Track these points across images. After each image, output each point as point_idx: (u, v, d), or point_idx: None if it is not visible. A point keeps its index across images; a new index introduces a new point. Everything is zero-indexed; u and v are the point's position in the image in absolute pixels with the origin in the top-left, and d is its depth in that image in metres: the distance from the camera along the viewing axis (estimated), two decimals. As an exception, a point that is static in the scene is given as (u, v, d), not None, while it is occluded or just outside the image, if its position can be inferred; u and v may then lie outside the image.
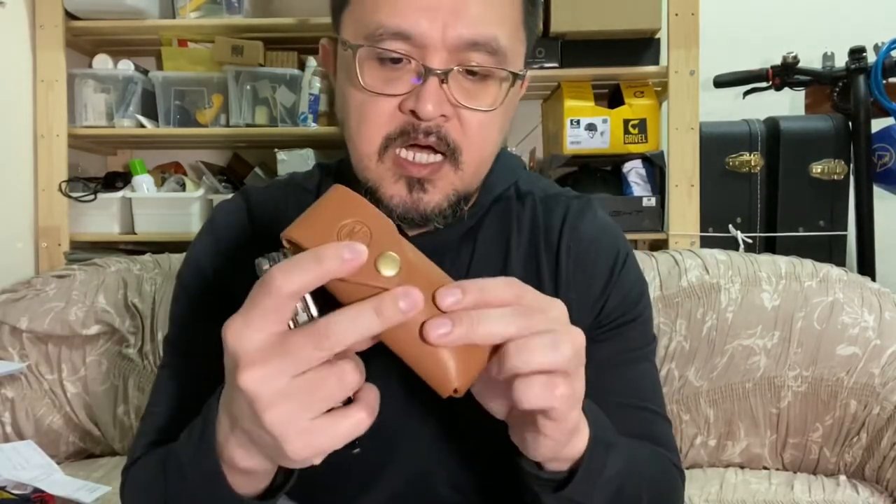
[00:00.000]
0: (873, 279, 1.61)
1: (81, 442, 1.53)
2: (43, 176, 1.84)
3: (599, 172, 1.88)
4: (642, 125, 1.76)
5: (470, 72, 0.64)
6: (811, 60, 1.87)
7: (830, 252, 1.79)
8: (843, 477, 1.30)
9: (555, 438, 0.50)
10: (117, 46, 2.00)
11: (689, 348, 1.36)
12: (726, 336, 1.35)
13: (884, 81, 1.74)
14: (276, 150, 1.87)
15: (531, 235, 0.75)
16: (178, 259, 1.59)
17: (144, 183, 1.89)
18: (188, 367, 0.73)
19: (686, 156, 1.74)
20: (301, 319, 0.45)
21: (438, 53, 0.62)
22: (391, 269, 0.45)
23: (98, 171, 2.05)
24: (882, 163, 1.78)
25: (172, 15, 1.90)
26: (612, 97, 1.90)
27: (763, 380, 1.34)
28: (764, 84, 1.84)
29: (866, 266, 1.76)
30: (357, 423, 0.44)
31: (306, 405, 0.43)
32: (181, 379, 0.74)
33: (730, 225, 1.81)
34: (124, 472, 0.71)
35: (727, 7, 2.11)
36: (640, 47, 1.78)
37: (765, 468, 1.38)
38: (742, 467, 1.38)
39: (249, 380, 0.43)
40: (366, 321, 0.43)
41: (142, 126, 1.89)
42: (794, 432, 1.35)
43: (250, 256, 0.48)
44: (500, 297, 0.46)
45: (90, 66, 1.93)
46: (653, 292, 1.38)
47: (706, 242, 1.75)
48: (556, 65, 1.77)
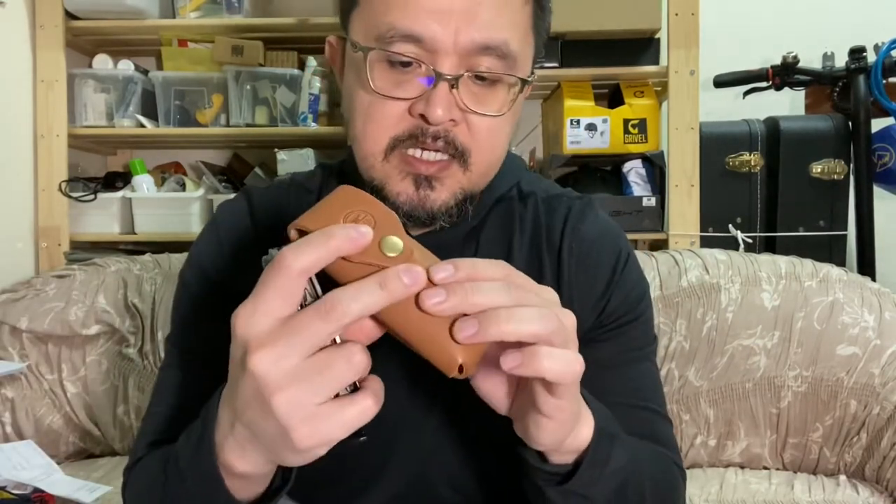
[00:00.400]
0: (873, 279, 1.61)
1: (81, 442, 1.53)
2: (43, 176, 1.84)
3: (599, 172, 1.88)
4: (642, 125, 1.77)
5: (479, 77, 0.64)
6: (811, 60, 1.87)
7: (830, 252, 1.79)
8: (843, 477, 1.30)
9: (557, 419, 0.50)
10: (117, 46, 2.00)
11: (689, 348, 1.36)
12: (726, 336, 1.35)
13: (884, 81, 1.74)
14: (276, 150, 1.87)
15: (533, 236, 0.75)
16: (178, 259, 1.59)
17: (144, 183, 1.90)
18: (189, 367, 0.74)
19: (686, 156, 1.74)
20: (309, 303, 0.45)
21: (449, 58, 0.62)
22: (394, 251, 0.46)
23: (98, 171, 2.05)
24: (882, 163, 1.78)
25: (172, 15, 1.90)
26: (612, 97, 1.90)
27: (763, 380, 1.34)
28: (764, 84, 1.84)
29: (866, 266, 1.76)
30: (364, 410, 0.45)
31: (315, 388, 0.43)
32: (182, 379, 0.74)
33: (730, 225, 1.81)
34: (126, 473, 0.71)
35: (727, 7, 2.11)
36: (640, 47, 1.78)
37: (765, 468, 1.38)
38: (742, 467, 1.38)
39: (259, 361, 0.43)
40: (371, 294, 0.43)
41: (142, 126, 1.89)
42: (794, 432, 1.35)
43: (252, 256, 0.48)
44: (491, 275, 0.47)
45: (90, 66, 1.93)
46: (653, 292, 1.38)
47: (706, 242, 1.75)
48: (556, 65, 1.77)
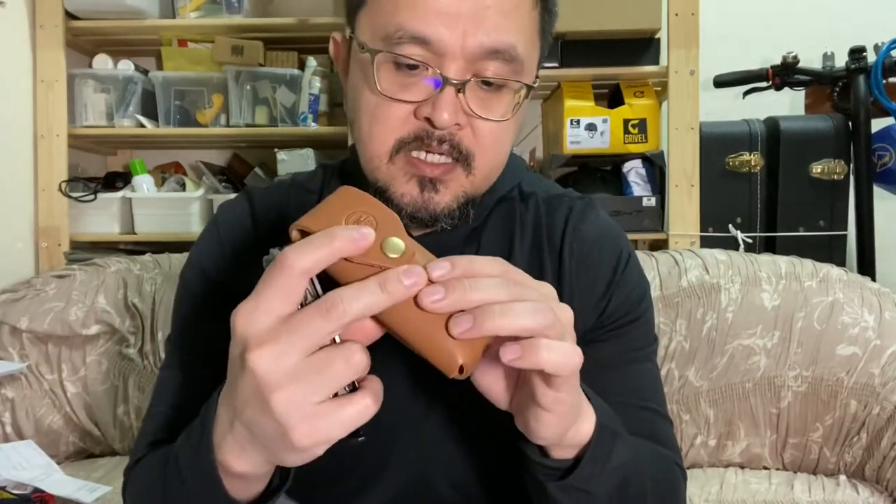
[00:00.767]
0: (873, 279, 1.61)
1: (81, 442, 1.53)
2: (43, 176, 1.84)
3: (599, 172, 1.88)
4: (642, 125, 1.76)
5: (486, 82, 0.64)
6: (811, 60, 1.87)
7: (830, 252, 1.79)
8: (843, 477, 1.30)
9: (557, 412, 0.50)
10: (117, 46, 2.01)
11: (689, 348, 1.36)
12: (726, 336, 1.35)
13: (884, 81, 1.74)
14: (276, 150, 1.87)
15: (534, 236, 0.75)
16: (178, 259, 1.59)
17: (144, 183, 1.90)
18: (190, 367, 0.74)
19: (686, 156, 1.74)
20: (309, 304, 0.45)
21: (456, 62, 0.62)
22: (396, 252, 0.46)
23: (98, 171, 2.05)
24: (882, 163, 1.78)
25: (172, 15, 1.90)
26: (612, 97, 1.90)
27: (763, 380, 1.34)
28: (764, 84, 1.84)
29: (866, 266, 1.76)
30: (363, 410, 0.45)
31: (314, 387, 0.43)
32: (183, 379, 0.74)
33: (730, 225, 1.81)
34: (127, 472, 0.72)
35: (727, 7, 2.11)
36: (640, 47, 1.78)
37: (765, 468, 1.38)
38: (742, 467, 1.38)
39: (259, 359, 0.43)
40: (372, 294, 0.43)
41: (142, 126, 1.90)
42: (794, 432, 1.35)
43: (253, 257, 0.49)
44: (489, 271, 0.47)
45: (90, 66, 1.93)
46: (653, 292, 1.37)
47: (706, 242, 1.75)
48: (556, 65, 1.77)
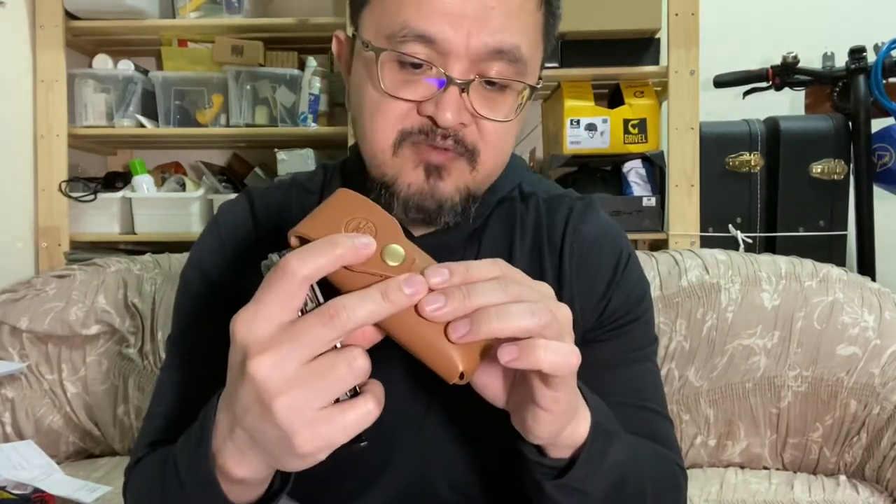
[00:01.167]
0: (873, 279, 1.61)
1: (81, 442, 1.53)
2: (43, 176, 1.84)
3: (599, 172, 1.88)
4: (642, 125, 1.76)
5: (489, 82, 0.64)
6: (811, 60, 1.87)
7: (830, 252, 1.79)
8: (843, 477, 1.30)
9: (554, 411, 0.50)
10: (117, 46, 2.01)
11: (689, 348, 1.36)
12: (726, 336, 1.35)
13: (884, 81, 1.74)
14: (276, 150, 1.87)
15: (535, 236, 0.75)
16: (178, 259, 1.59)
17: (144, 183, 1.90)
18: (190, 368, 0.74)
19: (686, 156, 1.74)
20: (309, 309, 0.45)
21: (460, 62, 0.62)
22: (396, 260, 0.47)
23: (98, 171, 2.05)
24: (882, 163, 1.78)
25: (172, 15, 1.90)
26: (612, 97, 1.90)
27: (763, 380, 1.34)
28: (764, 84, 1.84)
29: (866, 266, 1.76)
30: (365, 415, 0.45)
31: (316, 392, 0.43)
32: (183, 379, 0.74)
33: (730, 225, 1.81)
34: (127, 472, 0.72)
35: (727, 7, 2.11)
36: (640, 47, 1.78)
37: (765, 468, 1.38)
38: (742, 467, 1.38)
39: (259, 366, 0.43)
40: (373, 303, 0.44)
41: (142, 126, 1.90)
42: (794, 432, 1.35)
43: (254, 257, 0.49)
44: (486, 274, 0.47)
45: (90, 66, 1.93)
46: (653, 292, 1.37)
47: (706, 242, 1.75)
48: (556, 65, 1.77)
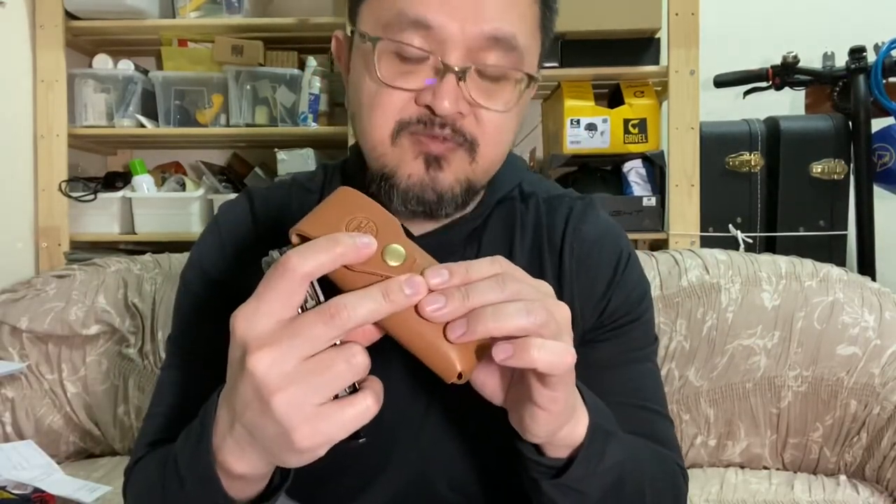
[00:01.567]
0: (873, 279, 1.61)
1: (81, 442, 1.53)
2: (43, 176, 1.84)
3: (599, 172, 1.88)
4: (642, 125, 1.76)
5: (487, 71, 0.64)
6: (811, 60, 1.87)
7: (830, 252, 1.79)
8: (844, 477, 1.30)
9: (551, 410, 0.50)
10: (117, 46, 2.01)
11: (690, 348, 1.36)
12: (726, 336, 1.35)
13: (884, 81, 1.74)
14: (276, 150, 1.87)
15: (534, 236, 0.75)
16: (178, 259, 1.59)
17: (144, 183, 1.90)
18: (190, 367, 0.74)
19: (686, 156, 1.74)
20: (310, 307, 0.45)
21: (457, 50, 0.62)
22: (396, 260, 0.47)
23: (98, 171, 2.05)
24: (882, 163, 1.78)
25: (172, 15, 1.90)
26: (612, 97, 1.90)
27: (763, 380, 1.34)
28: (764, 84, 1.84)
29: (866, 266, 1.76)
30: (364, 411, 0.45)
31: (315, 388, 0.43)
32: (183, 379, 0.74)
33: (730, 225, 1.81)
34: (127, 472, 0.72)
35: (727, 7, 2.11)
36: (640, 47, 1.78)
37: (765, 468, 1.38)
38: (742, 467, 1.38)
39: (258, 362, 0.43)
40: (373, 302, 0.44)
41: (142, 126, 1.90)
42: (795, 432, 1.35)
43: (254, 257, 0.49)
44: (486, 274, 0.48)
45: (90, 66, 1.93)
46: (653, 292, 1.37)
47: (706, 242, 1.75)
48: (556, 65, 1.77)
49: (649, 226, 1.77)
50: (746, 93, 1.90)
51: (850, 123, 1.78)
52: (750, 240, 1.79)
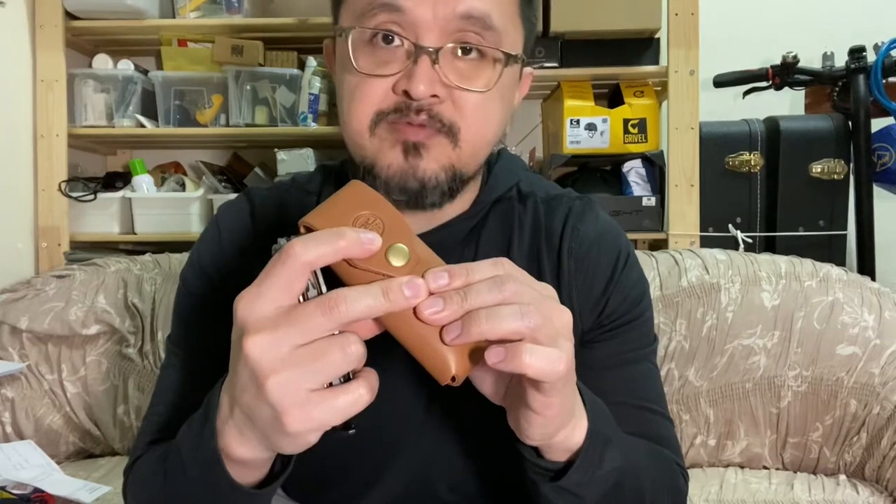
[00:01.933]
0: (873, 279, 1.61)
1: (81, 442, 1.53)
2: (43, 176, 1.84)
3: (599, 172, 1.88)
4: (642, 125, 1.77)
5: (464, 51, 0.64)
6: (811, 60, 1.87)
7: (830, 252, 1.79)
8: (843, 477, 1.30)
9: (545, 415, 0.50)
10: (117, 46, 2.01)
11: (689, 348, 1.36)
12: (726, 336, 1.35)
13: (884, 81, 1.74)
14: (276, 150, 1.87)
15: (533, 236, 0.75)
16: (178, 259, 1.59)
17: (144, 183, 1.90)
18: (190, 367, 0.74)
19: (686, 156, 1.74)
20: (311, 296, 0.46)
21: (430, 32, 0.62)
22: (400, 260, 0.47)
23: (98, 171, 2.05)
24: (882, 163, 1.78)
25: (172, 15, 1.90)
26: (612, 97, 1.90)
27: (763, 379, 1.34)
28: (764, 84, 1.84)
29: (866, 266, 1.76)
30: (356, 399, 0.45)
31: (308, 374, 0.44)
32: (183, 378, 0.74)
33: (730, 225, 1.81)
34: (126, 472, 0.72)
35: (727, 7, 2.11)
36: (640, 47, 1.78)
37: (765, 468, 1.38)
38: (742, 467, 1.38)
39: (254, 345, 0.44)
40: (373, 300, 0.44)
41: (142, 126, 1.89)
42: (794, 432, 1.35)
43: (253, 257, 0.49)
44: (487, 276, 0.48)
45: (90, 66, 1.93)
46: (653, 292, 1.38)
47: (706, 242, 1.75)
48: (556, 65, 1.77)
49: (649, 226, 1.77)
50: (746, 93, 1.90)
51: (850, 123, 1.78)
52: (750, 240, 1.79)
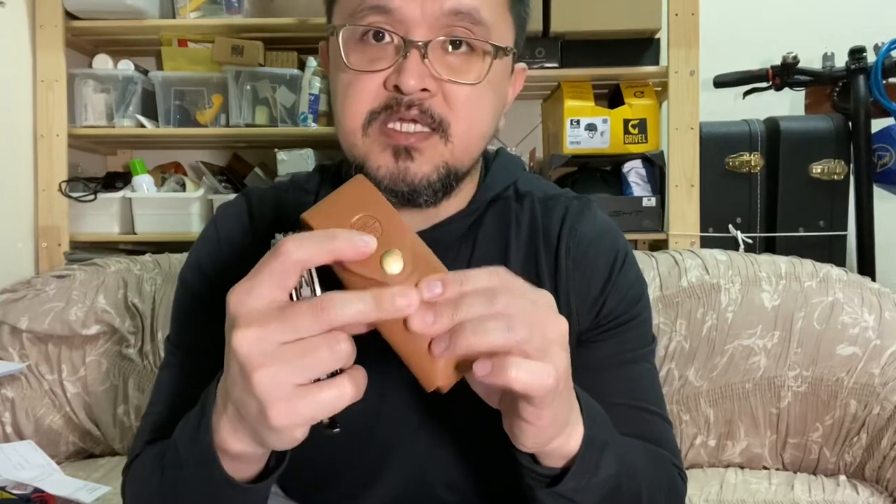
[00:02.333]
0: (873, 279, 1.61)
1: (81, 442, 1.53)
2: (43, 176, 1.84)
3: (599, 172, 1.88)
4: (642, 125, 1.77)
5: (454, 45, 0.64)
6: (811, 60, 1.87)
7: (830, 252, 1.79)
8: (843, 477, 1.30)
9: (536, 425, 0.50)
10: (117, 46, 2.01)
11: (689, 348, 1.36)
12: (726, 336, 1.35)
13: (884, 81, 1.74)
14: (276, 150, 1.87)
15: (530, 236, 0.75)
16: (178, 259, 1.59)
17: (144, 183, 1.90)
18: (189, 366, 0.74)
19: (686, 156, 1.74)
20: (305, 293, 0.46)
21: (419, 28, 0.63)
22: (395, 267, 0.47)
23: (98, 171, 2.05)
24: (882, 163, 1.78)
25: (172, 15, 1.90)
26: (612, 97, 1.90)
27: (763, 380, 1.34)
28: (764, 84, 1.84)
29: (866, 266, 1.76)
30: (340, 394, 0.45)
31: (295, 369, 0.44)
32: (181, 378, 0.74)
33: (730, 225, 1.81)
34: (125, 472, 0.72)
35: (727, 7, 2.11)
36: (640, 47, 1.78)
37: (765, 468, 1.38)
38: (742, 467, 1.38)
39: (243, 339, 0.44)
40: (364, 307, 0.44)
41: (142, 126, 1.89)
42: (794, 432, 1.35)
43: (251, 257, 0.49)
44: (482, 285, 0.47)
45: (90, 66, 1.93)
46: (653, 292, 1.38)
47: (706, 242, 1.75)
48: (556, 65, 1.77)
49: (649, 226, 1.77)
50: (746, 93, 1.90)
51: (850, 124, 1.78)
52: (750, 240, 1.79)
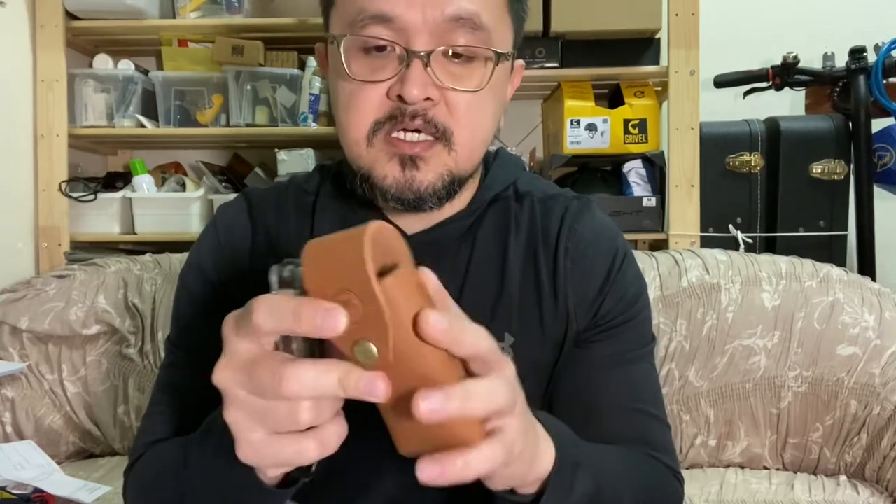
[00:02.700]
0: (873, 279, 1.61)
1: (81, 442, 1.53)
2: (43, 176, 1.84)
3: (599, 172, 1.88)
4: (642, 125, 1.76)
5: (455, 54, 0.64)
6: (811, 60, 1.87)
7: (830, 252, 1.79)
8: (844, 477, 1.30)
9: (502, 476, 0.50)
10: (117, 46, 2.01)
11: (690, 348, 1.36)
12: (726, 336, 1.35)
13: (884, 81, 1.74)
14: (276, 150, 1.87)
15: (529, 236, 0.75)
16: (178, 259, 1.59)
17: (144, 183, 1.89)
18: (189, 367, 0.74)
19: (686, 156, 1.74)
20: (294, 346, 0.45)
21: (421, 36, 0.63)
22: (366, 359, 0.42)
23: (98, 171, 2.05)
24: (882, 163, 1.78)
25: (172, 15, 1.90)
26: (613, 97, 1.90)
27: (763, 380, 1.34)
28: (764, 84, 1.84)
29: (866, 266, 1.76)
30: (300, 452, 0.43)
31: (258, 421, 0.43)
32: (182, 378, 0.74)
33: (730, 225, 1.81)
34: (126, 473, 0.72)
35: (727, 7, 2.11)
36: (640, 47, 1.78)
37: (765, 468, 1.38)
38: (742, 467, 1.38)
39: (220, 375, 0.44)
40: (327, 384, 0.41)
41: (142, 126, 1.89)
42: (795, 432, 1.35)
43: (251, 257, 0.49)
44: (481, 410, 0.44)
45: (90, 66, 1.93)
46: (653, 292, 1.38)
47: (706, 242, 1.75)
48: (556, 65, 1.77)
49: (649, 226, 1.77)
50: (746, 93, 1.90)
51: (851, 124, 1.78)
52: (750, 240, 1.79)
